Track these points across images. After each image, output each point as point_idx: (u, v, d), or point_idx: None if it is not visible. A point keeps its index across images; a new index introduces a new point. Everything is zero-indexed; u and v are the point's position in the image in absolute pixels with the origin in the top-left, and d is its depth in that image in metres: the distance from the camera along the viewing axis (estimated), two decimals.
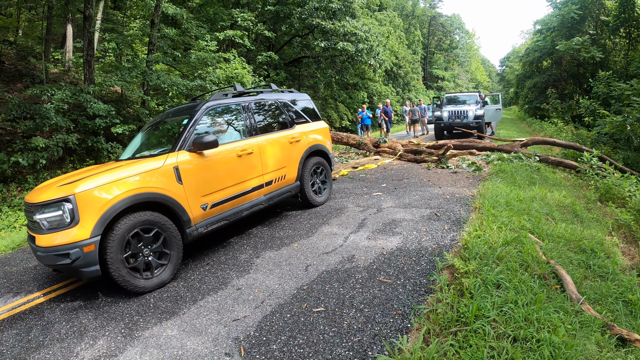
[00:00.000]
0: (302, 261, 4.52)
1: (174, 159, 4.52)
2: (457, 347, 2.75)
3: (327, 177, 7.13)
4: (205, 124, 5.17)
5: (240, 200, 5.26)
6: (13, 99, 12.23)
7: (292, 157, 6.23)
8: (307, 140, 6.63)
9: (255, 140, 5.61)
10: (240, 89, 6.04)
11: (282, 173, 6.00)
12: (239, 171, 5.25)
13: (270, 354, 2.89)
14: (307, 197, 6.59)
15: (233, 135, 5.46)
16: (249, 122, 5.70)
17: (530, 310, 3.11)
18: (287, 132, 6.30)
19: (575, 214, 6.77)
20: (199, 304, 3.79)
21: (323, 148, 7.02)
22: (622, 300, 3.79)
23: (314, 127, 6.99)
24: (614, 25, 25.48)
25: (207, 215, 4.80)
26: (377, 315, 3.24)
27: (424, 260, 4.22)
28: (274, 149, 5.89)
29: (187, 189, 4.54)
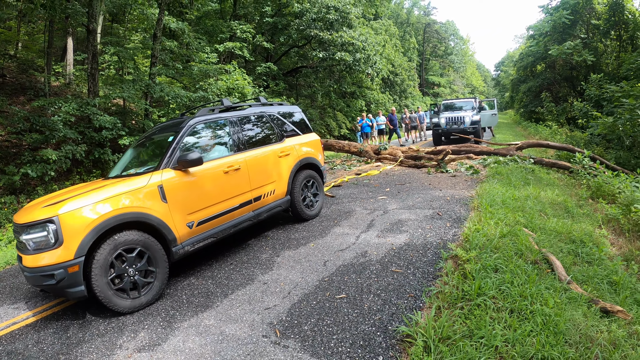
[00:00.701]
0: (319, 258, 4.97)
1: (158, 178, 4.49)
2: (464, 318, 3.26)
3: (319, 190, 7.07)
4: (191, 140, 5.13)
5: (227, 217, 5.22)
6: (19, 111, 12.59)
7: (281, 171, 6.17)
8: (298, 153, 6.55)
9: (243, 156, 5.55)
10: (227, 104, 6.06)
11: (271, 188, 5.95)
12: (226, 188, 5.20)
13: (303, 333, 3.33)
14: (298, 211, 6.55)
15: (220, 151, 5.42)
16: (236, 137, 5.63)
17: (525, 288, 3.61)
18: (276, 146, 6.22)
19: (567, 210, 7.25)
20: (230, 298, 4.20)
21: (314, 161, 6.93)
22: (607, 281, 4.29)
23: (305, 139, 6.90)
24: (604, 29, 26.22)
25: (193, 234, 4.77)
26: (393, 298, 3.72)
27: (430, 253, 4.72)
28: (262, 164, 5.84)
29: (172, 208, 4.52)
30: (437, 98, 56.34)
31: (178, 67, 18.58)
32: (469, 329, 3.09)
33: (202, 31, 22.32)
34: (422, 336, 3.00)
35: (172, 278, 4.99)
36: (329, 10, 22.58)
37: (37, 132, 12.59)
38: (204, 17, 24.07)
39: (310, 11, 22.65)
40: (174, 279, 4.95)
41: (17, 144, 13.35)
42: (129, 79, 16.58)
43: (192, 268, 5.26)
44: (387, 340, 3.11)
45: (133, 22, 22.15)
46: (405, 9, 58.32)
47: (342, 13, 23.13)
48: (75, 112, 12.86)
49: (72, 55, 19.07)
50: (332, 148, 14.28)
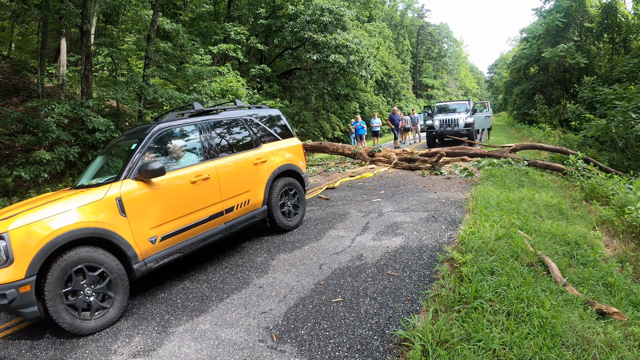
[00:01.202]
0: (315, 261, 4.95)
1: (117, 190, 4.20)
2: (461, 321, 3.26)
3: (300, 199, 6.72)
4: (156, 148, 4.82)
5: (195, 231, 4.91)
6: (12, 113, 12.49)
7: (257, 179, 5.84)
8: (275, 160, 6.20)
9: (213, 164, 5.22)
10: (198, 107, 5.75)
11: (245, 198, 5.62)
12: (193, 199, 4.88)
13: (300, 337, 3.31)
14: (276, 222, 6.19)
15: (188, 160, 5.11)
16: (207, 144, 5.31)
17: (521, 291, 3.62)
18: (252, 153, 5.89)
19: (561, 212, 7.28)
20: (226, 302, 4.17)
21: (294, 168, 6.58)
22: (603, 282, 4.33)
23: (284, 144, 6.55)
24: (597, 31, 26.51)
25: (156, 249, 4.47)
26: (390, 302, 3.71)
27: (426, 256, 4.72)
28: (235, 172, 5.51)
29: (132, 222, 4.22)
30: (430, 100, 56.56)
31: (172, 68, 18.52)
32: (467, 332, 3.08)
33: (196, 33, 22.27)
34: (420, 340, 2.98)
35: (167, 281, 4.96)
36: (323, 12, 22.63)
37: (30, 134, 12.50)
38: (197, 18, 24.02)
39: (304, 13, 22.68)
40: (169, 283, 4.91)
41: (9, 145, 13.24)
42: (123, 81, 16.49)
43: (187, 271, 5.22)
44: (384, 344, 3.09)
45: (127, 24, 22.04)
46: (399, 12, 58.53)
47: (336, 15, 23.18)
48: (69, 114, 12.78)
49: (66, 57, 18.95)
50: (326, 150, 14.27)
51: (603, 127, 13.42)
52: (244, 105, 6.49)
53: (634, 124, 12.28)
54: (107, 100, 15.72)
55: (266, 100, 22.35)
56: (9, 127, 12.57)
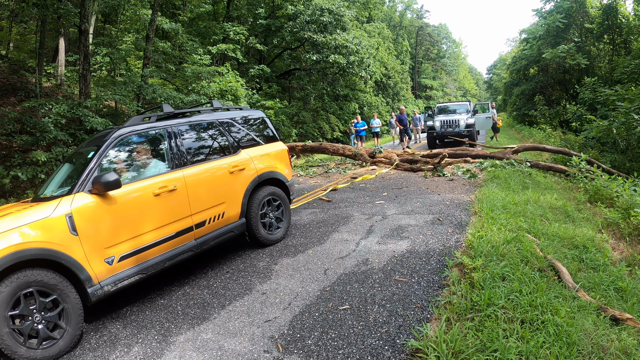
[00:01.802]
0: (319, 266, 4.81)
1: (67, 205, 3.77)
2: (474, 330, 3.14)
3: (284, 210, 6.15)
4: (115, 157, 4.38)
5: (160, 249, 4.44)
6: (10, 113, 12.36)
7: (233, 189, 5.32)
8: (255, 167, 5.65)
9: (181, 174, 4.73)
10: (168, 110, 5.27)
11: (219, 211, 5.11)
12: (157, 214, 4.42)
13: (307, 348, 3.18)
14: (256, 236, 5.65)
15: (153, 169, 4.63)
16: (175, 151, 4.82)
17: (534, 297, 3.51)
18: (228, 160, 5.37)
19: (567, 215, 7.20)
20: (228, 309, 4.03)
21: (278, 175, 6.03)
22: (614, 287, 4.26)
23: (267, 150, 6.02)
24: (598, 32, 26.49)
25: (114, 271, 4.03)
26: (399, 309, 3.58)
27: (434, 260, 4.59)
28: (207, 182, 5.03)
29: (84, 241, 3.79)
30: (429, 101, 56.54)
31: (171, 68, 18.41)
32: (482, 342, 2.96)
33: (195, 33, 22.16)
34: (434, 351, 2.86)
35: (166, 287, 4.83)
36: (322, 12, 22.54)
37: (28, 134, 12.37)
38: (196, 18, 23.91)
39: (304, 13, 22.59)
40: (168, 288, 4.78)
41: (7, 145, 13.10)
42: (121, 81, 16.37)
43: (187, 276, 5.09)
44: (396, 355, 2.97)
45: (126, 23, 21.91)
46: (398, 12, 58.52)
47: (336, 16, 23.10)
48: (67, 114, 12.66)
49: (64, 56, 18.83)
50: (327, 151, 14.16)
51: (605, 129, 13.34)
52: (222, 106, 6.00)
53: (635, 125, 12.19)
54: (105, 100, 15.59)
55: (265, 101, 22.25)
56: (6, 127, 12.44)
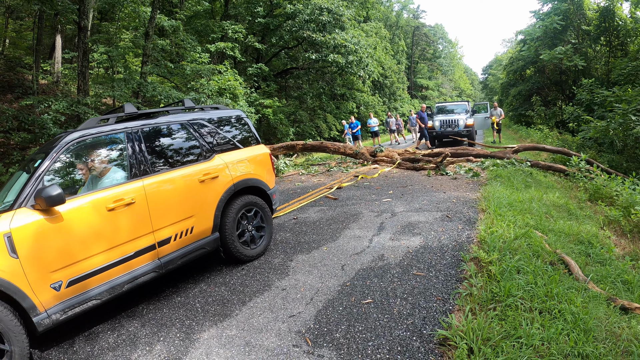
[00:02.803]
0: (336, 262, 4.89)
1: (6, 223, 3.32)
2: (498, 319, 3.28)
3: (266, 222, 5.51)
4: (64, 166, 3.88)
5: (116, 271, 3.91)
6: (7, 110, 12.33)
7: (204, 200, 4.72)
8: (231, 174, 5.05)
9: (141, 184, 4.17)
10: (131, 110, 4.72)
11: (187, 225, 4.53)
12: (112, 231, 3.88)
13: (336, 341, 3.26)
14: (232, 252, 5.04)
15: (109, 179, 4.10)
16: (136, 158, 4.26)
17: (549, 289, 3.67)
18: (199, 167, 4.79)
19: (570, 212, 7.34)
20: (249, 305, 4.06)
21: (258, 183, 5.43)
22: (620, 280, 4.43)
23: (246, 154, 5.42)
24: (595, 34, 26.81)
25: (62, 297, 3.55)
26: (421, 302, 3.69)
27: (448, 255, 4.71)
28: (172, 194, 4.43)
29: (26, 264, 3.34)
30: (425, 101, 56.79)
31: (170, 66, 18.38)
32: (506, 330, 3.09)
33: (193, 31, 22.13)
34: (463, 339, 2.97)
35: (181, 284, 4.85)
36: (322, 11, 22.60)
37: (26, 131, 12.34)
38: (194, 16, 23.87)
39: (303, 12, 22.62)
40: (184, 286, 4.80)
41: (5, 143, 13.09)
42: (120, 78, 16.36)
43: (201, 273, 5.13)
44: (424, 344, 3.07)
45: (124, 20, 21.84)
46: (395, 12, 58.64)
47: (335, 15, 23.16)
48: (66, 111, 12.64)
49: (61, 53, 18.76)
50: (327, 150, 14.21)
51: (602, 129, 13.55)
52: (195, 106, 5.42)
53: (633, 126, 12.39)
54: (103, 98, 15.57)
55: (263, 99, 22.28)
56: (4, 125, 12.41)
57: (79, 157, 4.01)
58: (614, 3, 24.88)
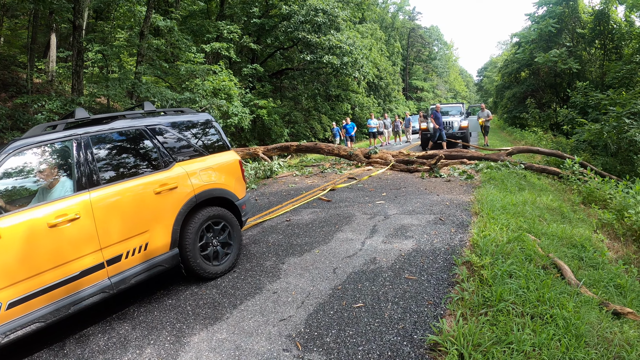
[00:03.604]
0: (327, 265, 4.86)
1: None
2: (489, 324, 3.26)
3: (233, 235, 5.10)
4: (5, 177, 3.57)
5: (60, 292, 3.59)
6: (2, 108, 12.25)
7: (160, 214, 4.34)
8: (192, 184, 4.67)
9: (87, 197, 3.82)
10: (82, 115, 4.34)
11: (140, 241, 4.16)
12: (55, 249, 3.56)
13: (327, 345, 3.23)
14: (193, 269, 4.64)
15: (53, 192, 3.77)
16: (83, 168, 3.91)
17: (541, 293, 3.66)
18: (155, 177, 4.40)
19: (563, 215, 7.37)
20: (240, 308, 4.03)
21: (225, 193, 5.03)
22: (613, 284, 4.43)
23: (211, 162, 5.04)
24: (589, 38, 26.99)
25: (2, 320, 3.32)
26: (412, 306, 3.68)
27: (440, 259, 4.69)
28: (123, 207, 4.07)
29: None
30: (420, 102, 56.94)
31: (165, 66, 18.31)
32: (497, 336, 3.08)
33: (189, 31, 22.06)
34: (453, 345, 2.96)
35: (173, 286, 4.80)
36: (317, 13, 22.61)
37: (20, 130, 12.25)
38: (189, 16, 23.80)
39: (298, 13, 22.62)
40: (175, 288, 4.75)
41: None
42: (115, 77, 16.28)
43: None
44: (415, 350, 3.05)
45: (119, 20, 21.74)
46: (391, 14, 58.79)
47: (330, 16, 23.16)
48: (60, 110, 12.57)
49: (55, 52, 18.65)
50: (321, 151, 14.20)
51: (596, 132, 13.63)
52: (156, 109, 5.02)
53: (627, 129, 12.46)
54: (98, 97, 15.49)
55: (258, 100, 22.25)
56: None
57: (19, 167, 3.66)
58: (608, 6, 25.04)
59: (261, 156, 14.07)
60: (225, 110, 18.33)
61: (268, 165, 13.14)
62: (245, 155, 14.43)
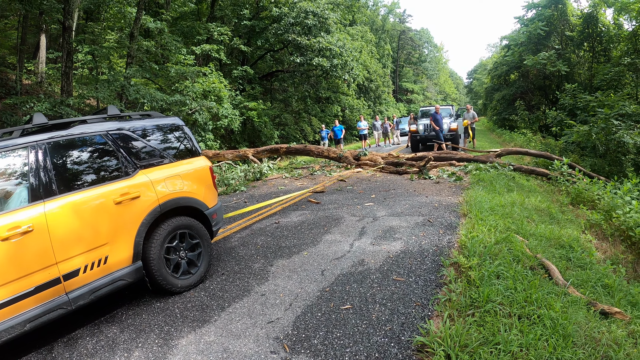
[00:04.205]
0: (316, 267, 4.85)
1: None
2: (476, 325, 3.27)
3: (202, 246, 4.82)
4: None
5: (15, 309, 3.37)
6: None
7: (121, 225, 4.07)
8: (157, 193, 4.39)
9: (42, 209, 3.57)
10: (40, 120, 4.09)
11: (99, 255, 3.90)
12: (7, 264, 3.34)
13: (314, 347, 3.22)
14: (158, 283, 4.37)
15: (7, 203, 3.54)
16: (38, 177, 3.66)
17: (529, 294, 3.68)
18: (116, 185, 4.13)
19: (551, 216, 7.42)
20: (228, 311, 4.01)
21: (192, 202, 4.75)
22: (601, 284, 4.46)
23: (179, 169, 4.76)
24: (578, 40, 27.23)
25: None
26: (400, 308, 3.68)
27: (428, 260, 4.71)
28: (80, 219, 3.80)
29: None
30: (410, 104, 57.18)
31: (155, 67, 18.19)
32: (484, 336, 3.09)
33: (179, 32, 21.96)
34: (440, 345, 2.96)
35: None
36: (307, 15, 22.60)
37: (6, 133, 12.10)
38: (180, 18, 23.70)
39: (288, 15, 22.61)
40: None
41: None
42: (104, 79, 16.15)
43: None
44: (402, 351, 3.05)
45: (109, 21, 21.60)
46: (381, 16, 58.96)
47: (320, 18, 23.17)
48: (49, 112, 12.44)
49: (45, 53, 18.48)
50: (311, 153, 14.20)
51: (585, 133, 13.78)
52: (120, 113, 4.74)
53: (615, 131, 12.61)
54: (87, 99, 15.36)
55: (248, 102, 22.20)
56: None
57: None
58: (597, 9, 25.31)
59: (251, 158, 14.04)
60: (215, 112, 18.27)
61: (258, 167, 13.12)
62: (235, 157, 14.39)
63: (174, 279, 4.50)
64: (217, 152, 14.46)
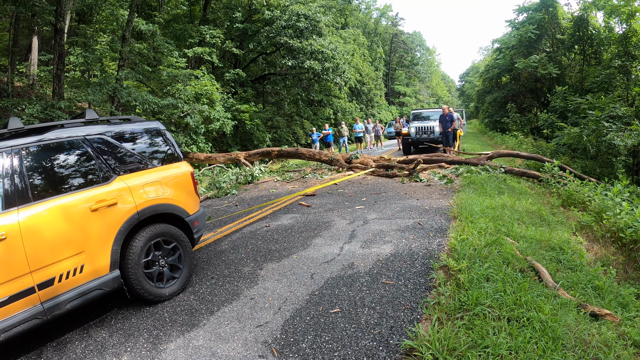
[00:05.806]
0: (305, 270, 4.83)
1: None
2: (465, 328, 3.26)
3: (183, 254, 4.70)
4: None
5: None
6: None
7: (98, 233, 3.96)
8: (135, 200, 4.28)
9: (15, 216, 3.47)
10: (16, 125, 3.98)
11: (75, 263, 3.78)
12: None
13: (302, 351, 3.20)
14: (137, 292, 4.25)
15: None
16: (11, 184, 3.56)
17: (518, 296, 3.67)
18: (92, 192, 4.01)
19: (542, 218, 7.42)
20: (217, 315, 3.98)
21: (172, 209, 4.63)
22: (591, 286, 4.46)
23: (158, 175, 4.65)
24: (569, 43, 27.54)
25: None
26: (389, 311, 3.66)
27: (418, 263, 4.69)
28: (55, 226, 3.70)
29: None
30: (402, 107, 57.38)
31: (147, 69, 18.13)
32: (473, 340, 3.08)
33: (171, 35, 21.92)
34: (428, 349, 2.95)
35: None
36: (299, 18, 22.66)
37: None
38: (172, 20, 23.66)
39: (280, 19, 22.65)
40: None
41: None
42: (95, 82, 16.07)
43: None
44: (390, 355, 3.03)
45: (101, 23, 21.50)
46: (373, 19, 59.23)
47: (312, 21, 23.22)
48: (40, 115, 12.37)
49: (37, 55, 18.34)
50: (303, 156, 14.17)
51: (576, 136, 13.87)
52: (99, 117, 4.63)
53: (606, 133, 12.71)
54: (79, 102, 15.27)
55: (240, 105, 22.18)
56: None
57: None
58: (587, 13, 25.57)
59: (243, 161, 14.00)
60: (207, 115, 18.24)
61: (249, 170, 13.08)
62: (227, 160, 14.34)
63: (153, 288, 4.38)
64: (209, 155, 14.42)
